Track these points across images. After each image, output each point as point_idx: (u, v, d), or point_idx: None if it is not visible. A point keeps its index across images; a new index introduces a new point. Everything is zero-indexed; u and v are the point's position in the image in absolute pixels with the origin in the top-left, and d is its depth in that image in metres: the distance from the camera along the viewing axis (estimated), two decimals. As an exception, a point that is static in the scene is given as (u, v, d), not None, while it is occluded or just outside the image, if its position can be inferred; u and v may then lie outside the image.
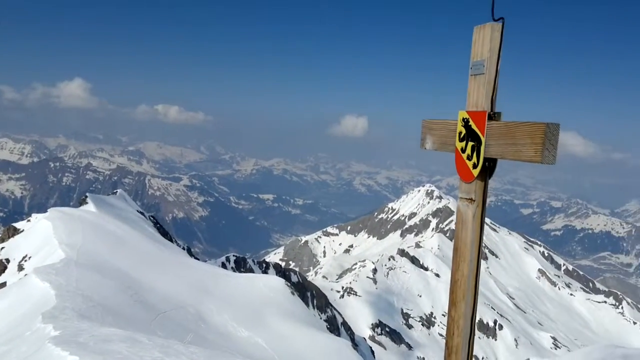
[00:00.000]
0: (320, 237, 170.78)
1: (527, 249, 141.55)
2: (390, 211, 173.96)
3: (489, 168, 3.32)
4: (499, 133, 3.15)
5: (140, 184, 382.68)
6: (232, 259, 59.99)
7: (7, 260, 25.84)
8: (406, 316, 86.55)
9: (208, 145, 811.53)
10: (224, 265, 54.68)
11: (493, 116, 3.25)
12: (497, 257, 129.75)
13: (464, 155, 3.43)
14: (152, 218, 47.66)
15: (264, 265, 65.42)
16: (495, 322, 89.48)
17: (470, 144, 3.36)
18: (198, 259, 42.60)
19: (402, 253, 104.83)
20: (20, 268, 24.18)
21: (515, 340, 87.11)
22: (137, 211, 43.82)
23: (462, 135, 3.47)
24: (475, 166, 3.32)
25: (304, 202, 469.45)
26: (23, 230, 29.27)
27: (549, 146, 2.81)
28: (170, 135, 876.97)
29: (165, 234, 45.16)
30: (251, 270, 58.72)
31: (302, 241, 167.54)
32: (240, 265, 59.10)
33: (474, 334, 3.50)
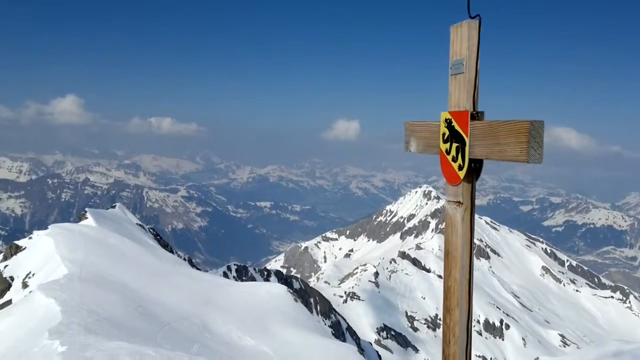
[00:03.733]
0: (319, 242, 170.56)
1: (529, 247, 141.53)
2: (388, 214, 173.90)
3: (475, 169, 3.23)
4: (482, 133, 3.08)
5: (138, 196, 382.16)
6: (234, 268, 59.92)
7: (12, 278, 25.87)
8: (411, 319, 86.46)
9: (203, 155, 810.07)
10: (225, 275, 54.63)
11: (476, 116, 3.18)
12: (499, 255, 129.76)
13: (449, 157, 3.37)
14: (152, 230, 47.65)
15: (266, 273, 65.36)
16: (501, 321, 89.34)
17: (455, 145, 3.29)
18: (199, 269, 42.59)
19: (403, 255, 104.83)
20: (25, 285, 24.21)
21: (523, 339, 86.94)
22: (137, 224, 43.81)
23: (445, 137, 3.40)
24: (461, 168, 3.25)
25: (302, 208, 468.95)
26: (25, 248, 29.28)
27: (534, 144, 2.74)
28: (165, 147, 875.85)
29: (165, 245, 45.17)
30: (253, 279, 58.66)
31: (302, 247, 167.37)
32: (242, 274, 59.04)
33: (471, 342, 3.41)
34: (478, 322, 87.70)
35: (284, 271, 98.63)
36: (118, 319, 16.40)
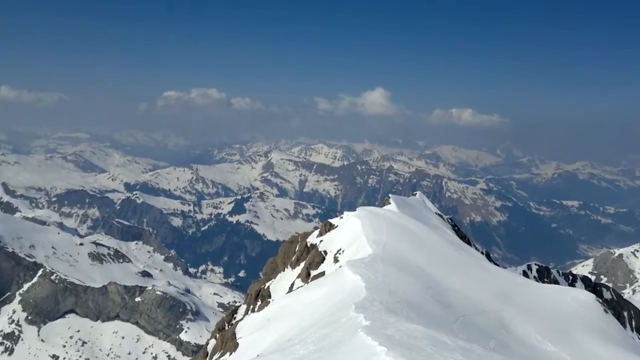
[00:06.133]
0: (637, 250, 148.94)
1: None
2: None
3: None
4: None
5: (437, 186, 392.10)
6: (534, 267, 56.53)
7: (325, 252, 29.01)
8: None
9: (504, 148, 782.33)
10: (525, 274, 51.94)
11: None
12: None
13: None
14: (450, 220, 48.03)
15: (571, 277, 59.92)
16: None
17: None
18: (497, 265, 41.26)
19: None
20: (336, 260, 26.83)
21: None
22: (436, 213, 44.68)
23: None
24: None
25: (617, 210, 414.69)
26: (337, 226, 32.50)
27: None
28: (465, 139, 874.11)
29: (463, 237, 45.01)
30: (555, 282, 54.43)
31: (616, 254, 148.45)
32: (544, 275, 55.30)
33: None
34: None
35: (593, 278, 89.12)
36: (415, 302, 16.81)
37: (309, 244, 32.67)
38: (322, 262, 28.29)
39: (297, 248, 34.99)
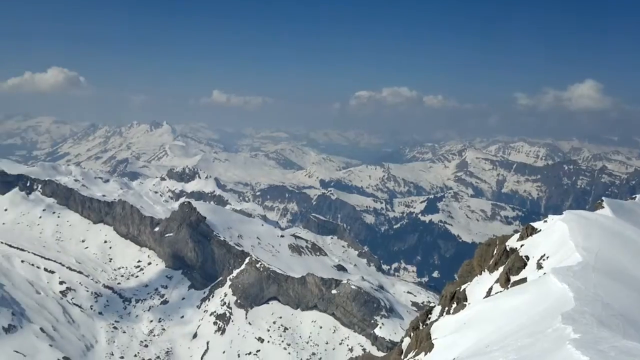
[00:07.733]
0: None
1: None
2: None
3: None
4: None
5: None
6: None
7: (527, 257, 27.38)
8: None
9: None
10: None
11: None
12: None
13: None
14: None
15: None
16: None
17: None
18: None
19: None
20: (539, 266, 25.18)
21: None
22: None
23: None
24: None
25: None
26: (540, 230, 30.44)
27: None
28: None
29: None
30: None
31: None
32: None
33: None
34: None
35: None
36: (635, 317, 15.13)
37: (508, 248, 31.14)
38: (523, 268, 26.74)
39: (495, 251, 33.59)
